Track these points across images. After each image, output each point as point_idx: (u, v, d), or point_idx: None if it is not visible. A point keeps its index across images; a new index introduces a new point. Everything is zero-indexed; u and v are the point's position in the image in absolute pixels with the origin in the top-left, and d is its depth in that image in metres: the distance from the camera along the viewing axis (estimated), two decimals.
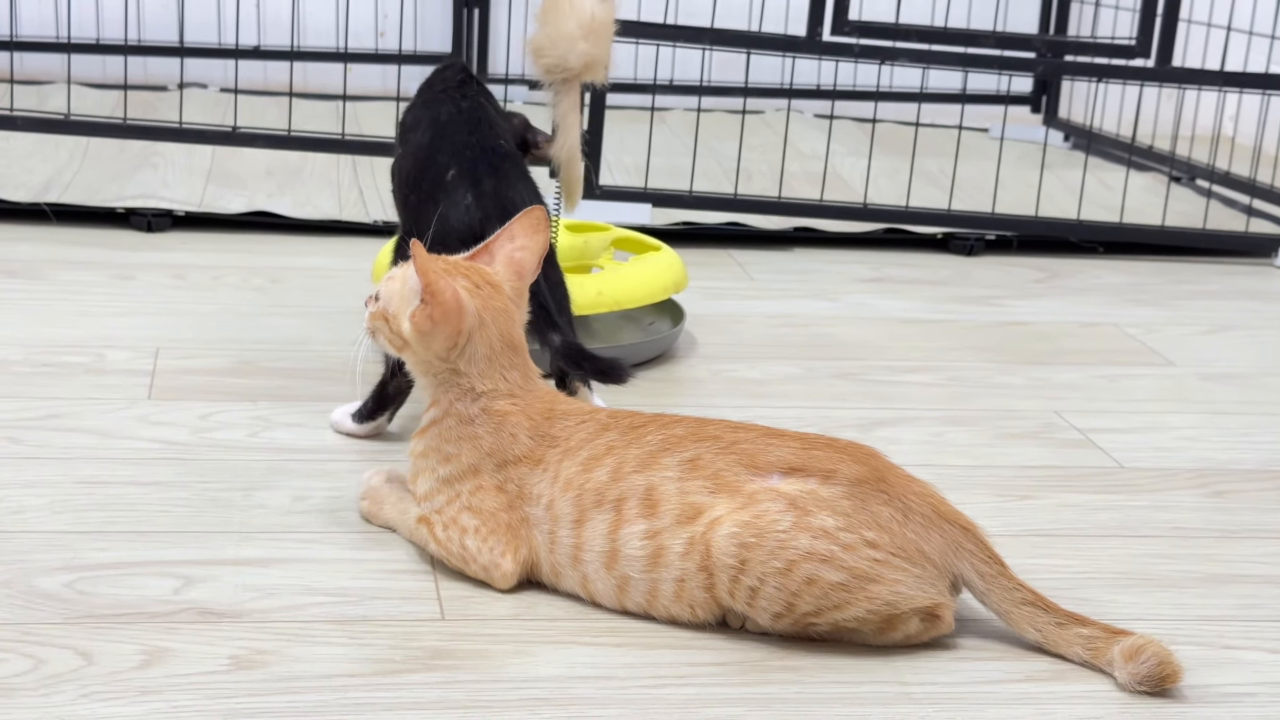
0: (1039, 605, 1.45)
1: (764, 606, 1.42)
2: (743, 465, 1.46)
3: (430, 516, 1.56)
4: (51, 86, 3.53)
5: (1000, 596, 1.45)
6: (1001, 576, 1.45)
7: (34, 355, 2.09)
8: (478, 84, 1.97)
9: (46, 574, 1.50)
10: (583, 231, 2.38)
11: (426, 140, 1.88)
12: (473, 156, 1.84)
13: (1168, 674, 1.39)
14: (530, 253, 1.59)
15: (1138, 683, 1.39)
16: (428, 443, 1.57)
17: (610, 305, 2.15)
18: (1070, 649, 1.44)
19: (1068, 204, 3.10)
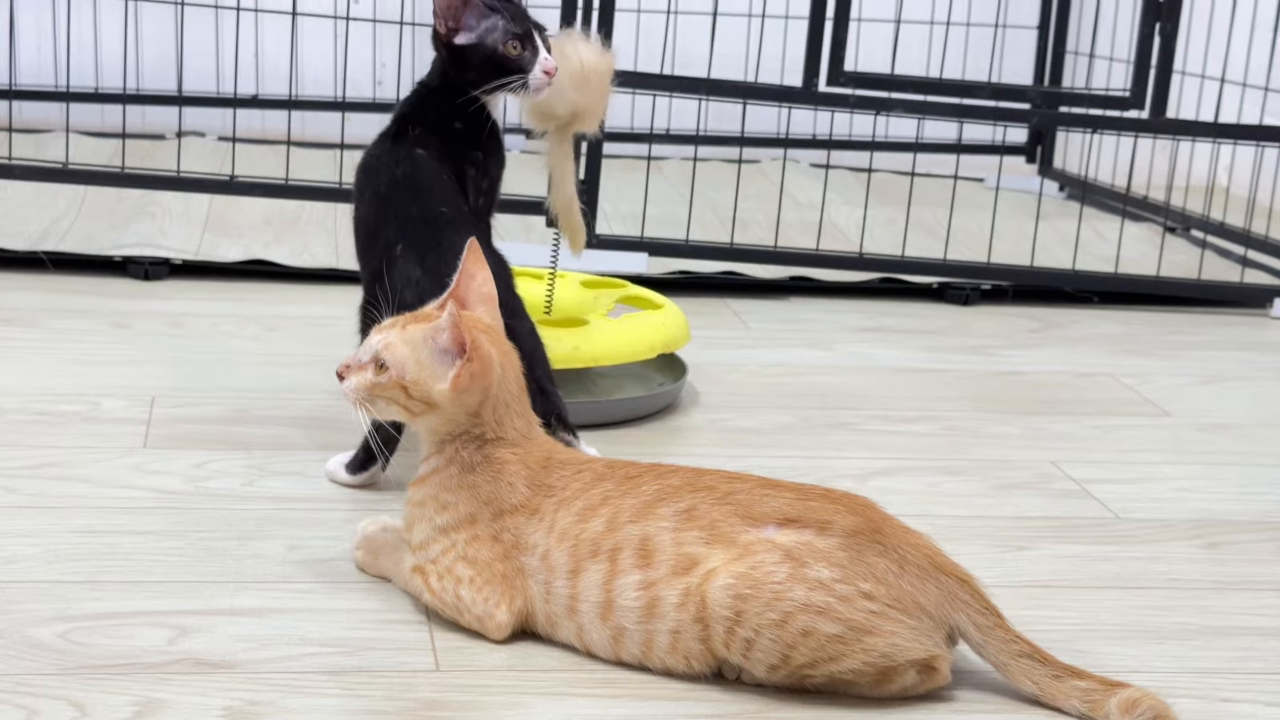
0: (1036, 657, 1.44)
1: (760, 658, 1.41)
2: (738, 516, 1.45)
3: (425, 566, 1.55)
4: (50, 135, 3.54)
5: (997, 648, 1.45)
6: (998, 628, 1.45)
7: (29, 404, 2.09)
8: (415, 129, 1.94)
9: (40, 624, 1.49)
10: (595, 287, 2.38)
11: (372, 214, 1.90)
12: (415, 230, 1.84)
13: None
14: (491, 283, 1.60)
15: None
16: (426, 491, 1.56)
17: (586, 361, 2.13)
18: (1067, 702, 1.43)
19: (1063, 254, 3.11)
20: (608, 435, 2.09)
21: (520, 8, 1.95)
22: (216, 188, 2.87)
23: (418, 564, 1.56)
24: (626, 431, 2.13)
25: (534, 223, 3.03)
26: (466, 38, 1.91)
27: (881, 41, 3.31)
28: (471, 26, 1.91)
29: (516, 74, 1.90)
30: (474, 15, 1.91)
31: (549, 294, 2.25)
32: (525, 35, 1.91)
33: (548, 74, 1.91)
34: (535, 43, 1.91)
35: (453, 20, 1.91)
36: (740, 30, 3.47)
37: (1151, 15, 3.07)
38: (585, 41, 2.01)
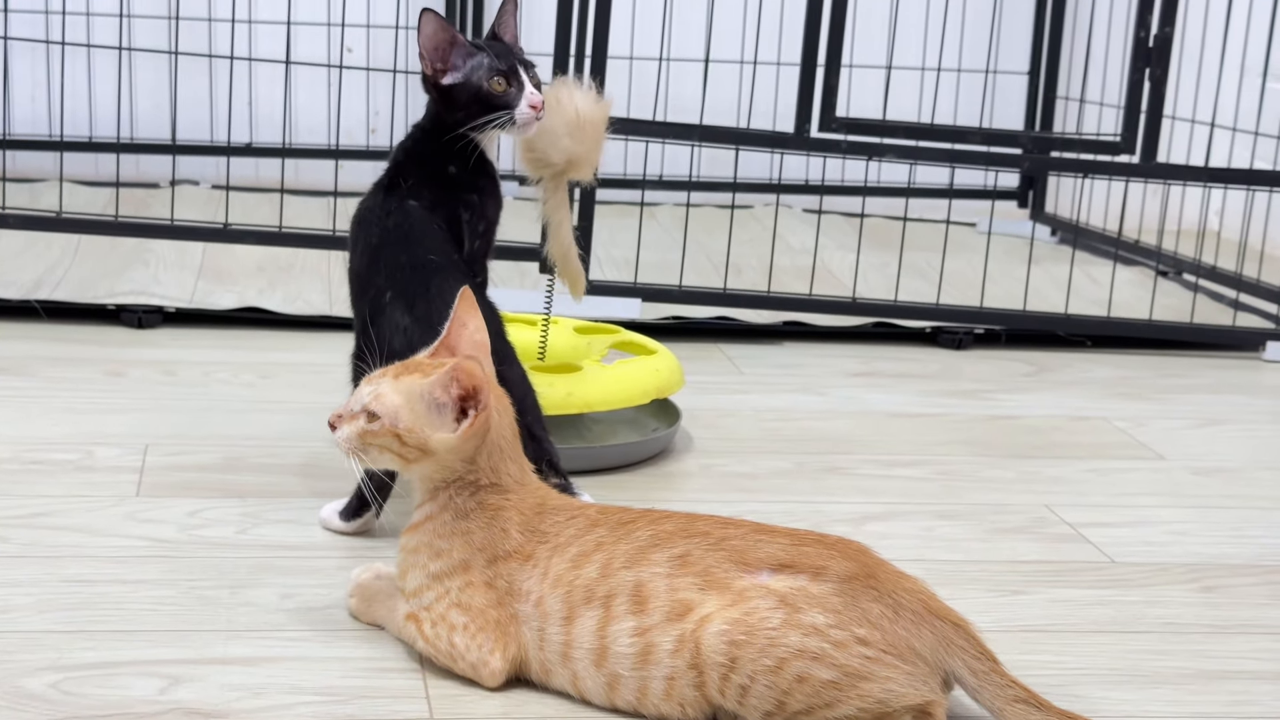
0: (1032, 703, 1.43)
1: (755, 705, 1.41)
2: (732, 562, 1.45)
3: (419, 614, 1.55)
4: (44, 184, 3.55)
5: (992, 694, 1.44)
6: (994, 673, 1.44)
7: (22, 453, 2.09)
8: (408, 180, 1.94)
9: (32, 674, 1.48)
10: (588, 333, 2.38)
11: (363, 265, 1.90)
12: (404, 278, 1.84)
13: None
14: (483, 331, 1.60)
15: None
16: (420, 539, 1.56)
17: (580, 407, 2.13)
18: None
19: (1055, 298, 3.12)
20: (602, 481, 2.09)
21: (506, 45, 1.97)
22: (210, 236, 2.87)
23: (411, 611, 1.56)
24: (620, 477, 2.13)
25: (528, 269, 3.04)
26: (453, 77, 1.92)
27: (873, 87, 3.33)
28: (458, 66, 1.92)
29: (503, 110, 1.91)
30: (460, 55, 1.93)
31: (543, 340, 2.25)
32: (510, 71, 1.92)
33: (534, 108, 1.92)
34: (521, 78, 1.92)
35: (440, 61, 1.92)
36: (732, 77, 3.48)
37: (1141, 60, 3.08)
38: (580, 89, 2.01)
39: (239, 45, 3.56)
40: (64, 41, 2.97)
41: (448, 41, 1.92)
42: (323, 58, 3.60)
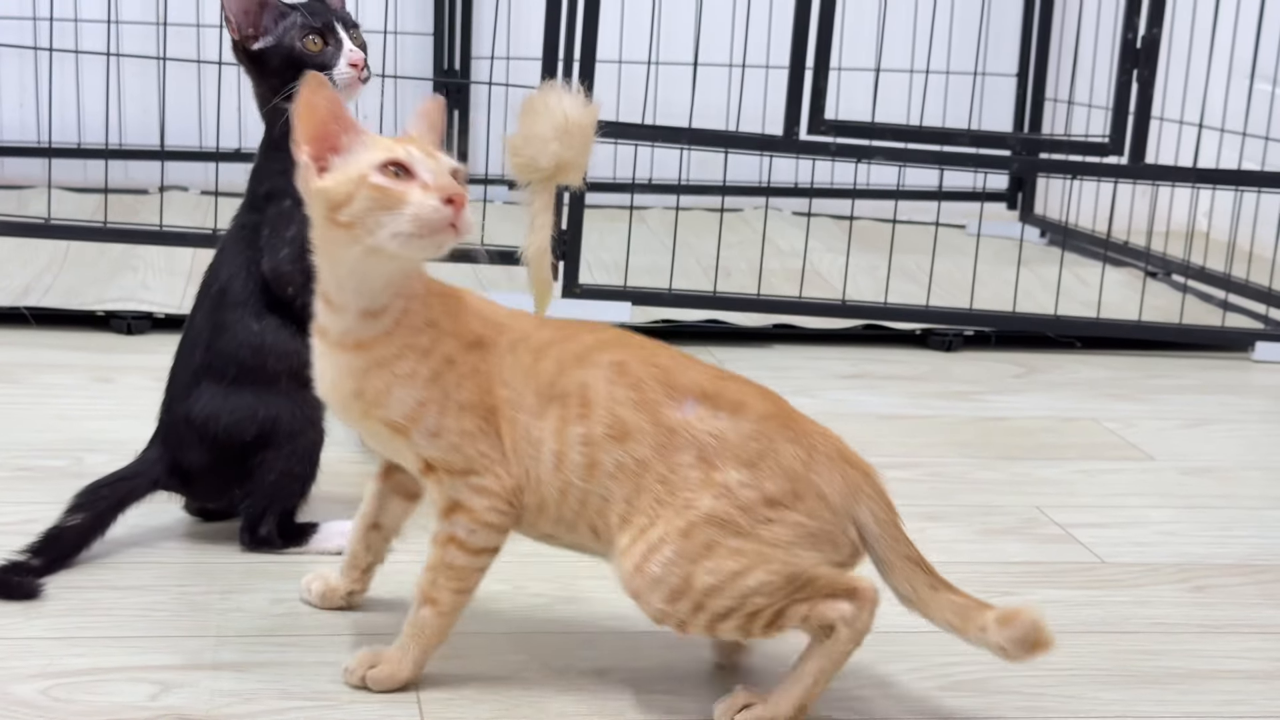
0: (919, 565, 1.47)
1: (664, 566, 1.41)
2: (660, 383, 1.47)
3: (432, 456, 1.47)
4: (32, 191, 3.54)
5: (888, 546, 1.47)
6: (893, 526, 1.48)
7: (12, 459, 2.08)
8: (253, 201, 1.87)
9: (22, 680, 1.48)
10: None
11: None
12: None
13: (1039, 639, 1.42)
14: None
15: (1012, 646, 1.42)
16: (390, 349, 1.46)
17: None
18: (940, 614, 1.46)
19: (1045, 299, 3.12)
20: None
21: (323, 3, 1.88)
22: (199, 242, 2.87)
23: (426, 457, 1.47)
24: None
25: (516, 273, 3.04)
26: (264, 41, 1.83)
27: (862, 90, 3.33)
28: (270, 29, 1.83)
29: (319, 71, 1.78)
30: (271, 17, 1.83)
31: None
32: (326, 28, 1.83)
33: (354, 66, 1.83)
34: (339, 36, 1.84)
35: (250, 26, 1.82)
36: (721, 80, 3.48)
37: (1129, 62, 3.09)
38: (568, 93, 2.01)
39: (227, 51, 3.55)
40: (52, 48, 2.96)
41: (257, 4, 1.82)
42: None
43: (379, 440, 1.52)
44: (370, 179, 1.39)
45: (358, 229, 1.40)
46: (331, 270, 1.46)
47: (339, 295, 1.46)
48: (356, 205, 1.39)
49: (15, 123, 3.74)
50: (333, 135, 1.43)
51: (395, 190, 1.39)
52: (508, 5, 3.66)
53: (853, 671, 1.60)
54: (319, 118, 1.42)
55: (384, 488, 1.64)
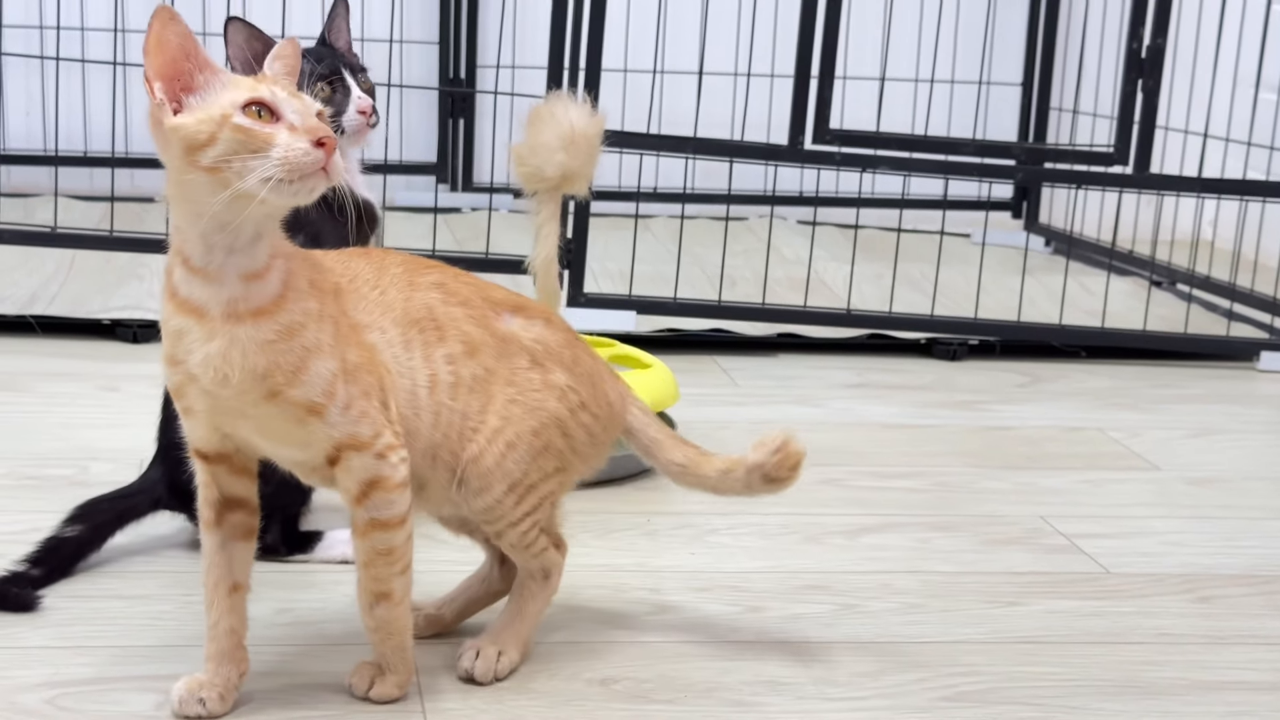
0: (685, 440, 1.62)
1: (509, 469, 1.49)
2: (481, 298, 1.52)
3: (348, 434, 1.38)
4: (38, 199, 3.55)
5: (656, 428, 1.61)
6: (652, 414, 1.63)
7: (18, 468, 2.09)
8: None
9: (29, 690, 1.48)
10: None
11: None
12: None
13: (791, 450, 1.59)
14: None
15: (766, 456, 1.57)
16: (296, 311, 1.35)
17: None
18: (711, 468, 1.60)
19: (1050, 309, 3.12)
20: (597, 493, 2.09)
21: (332, 49, 1.86)
22: None
23: (339, 438, 1.38)
24: (615, 490, 2.13)
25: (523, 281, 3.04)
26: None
27: (867, 99, 3.33)
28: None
29: (330, 119, 1.77)
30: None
31: None
32: (333, 75, 1.81)
33: (363, 114, 1.81)
34: (347, 83, 1.82)
35: (253, 72, 1.80)
36: (726, 89, 3.49)
37: (1134, 72, 3.09)
38: (574, 103, 2.01)
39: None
40: (58, 57, 2.97)
41: (262, 51, 1.75)
42: None
43: (269, 433, 1.38)
44: (234, 119, 1.28)
45: (224, 172, 1.28)
46: (194, 225, 1.32)
47: (210, 259, 1.32)
48: (219, 147, 1.28)
49: (21, 131, 3.75)
50: (186, 73, 1.31)
51: (262, 132, 1.29)
52: (513, 14, 3.67)
53: (857, 680, 1.60)
54: (170, 53, 1.31)
55: (222, 536, 1.46)
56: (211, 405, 1.36)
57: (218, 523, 1.45)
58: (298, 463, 1.44)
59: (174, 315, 1.35)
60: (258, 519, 1.48)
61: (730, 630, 1.71)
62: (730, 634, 1.70)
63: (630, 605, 1.76)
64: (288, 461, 1.44)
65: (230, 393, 1.34)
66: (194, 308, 1.34)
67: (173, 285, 1.35)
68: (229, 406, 1.36)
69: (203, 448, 1.42)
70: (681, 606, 1.76)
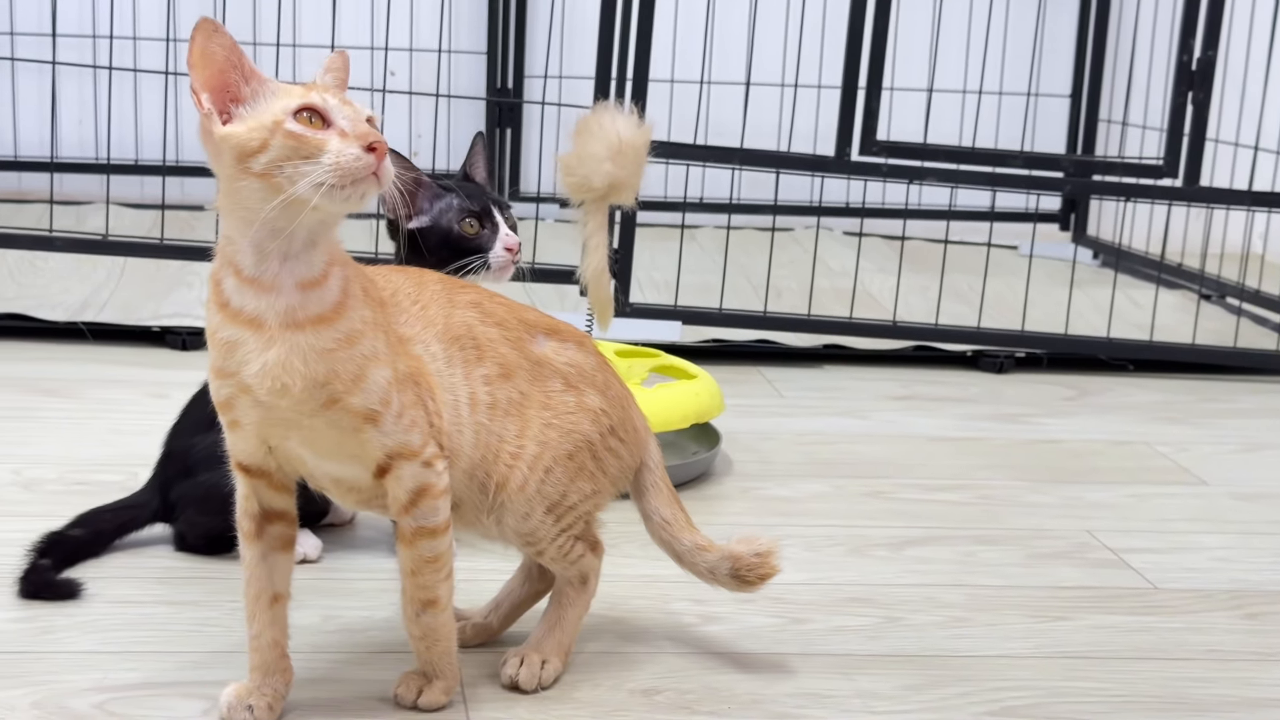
0: (679, 502, 1.62)
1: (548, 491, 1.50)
2: (517, 320, 1.53)
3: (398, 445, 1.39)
4: (90, 207, 3.58)
5: (659, 477, 1.62)
6: (663, 465, 1.63)
7: (68, 474, 2.11)
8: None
9: (77, 695, 1.50)
10: (629, 357, 2.39)
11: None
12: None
13: (767, 560, 1.58)
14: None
15: (746, 550, 1.58)
16: (354, 319, 1.35)
17: None
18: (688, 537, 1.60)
19: (1097, 322, 3.11)
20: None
21: (478, 185, 1.91)
22: None
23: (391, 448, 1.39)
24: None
25: (567, 291, 3.05)
26: (421, 221, 1.84)
27: (914, 110, 3.33)
28: (425, 209, 1.84)
29: (475, 254, 1.84)
30: (428, 198, 1.85)
31: None
32: (483, 212, 1.86)
33: (509, 250, 1.85)
34: (495, 219, 1.86)
35: (405, 205, 1.82)
36: (773, 100, 3.49)
37: (1184, 84, 3.08)
38: (621, 114, 2.02)
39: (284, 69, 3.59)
40: (111, 66, 2.99)
41: (413, 183, 1.83)
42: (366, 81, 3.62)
43: (319, 445, 1.38)
44: (286, 125, 1.29)
45: (276, 179, 1.29)
46: (245, 233, 1.32)
47: (263, 268, 1.32)
48: (271, 154, 1.29)
49: (74, 139, 3.79)
50: (233, 83, 1.32)
51: (314, 138, 1.29)
52: (561, 24, 3.68)
53: (901, 694, 1.59)
54: (216, 65, 1.31)
55: (263, 548, 1.45)
56: (263, 417, 1.36)
57: (258, 535, 1.45)
58: (339, 478, 1.43)
59: (225, 326, 1.34)
60: (296, 529, 1.48)
61: (774, 642, 1.71)
62: (774, 646, 1.70)
63: (673, 616, 1.76)
64: (328, 478, 1.44)
65: (289, 403, 1.34)
66: (248, 318, 1.33)
67: (223, 296, 1.34)
68: (282, 418, 1.35)
69: (246, 461, 1.42)
70: (725, 618, 1.75)
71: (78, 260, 3.11)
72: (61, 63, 3.06)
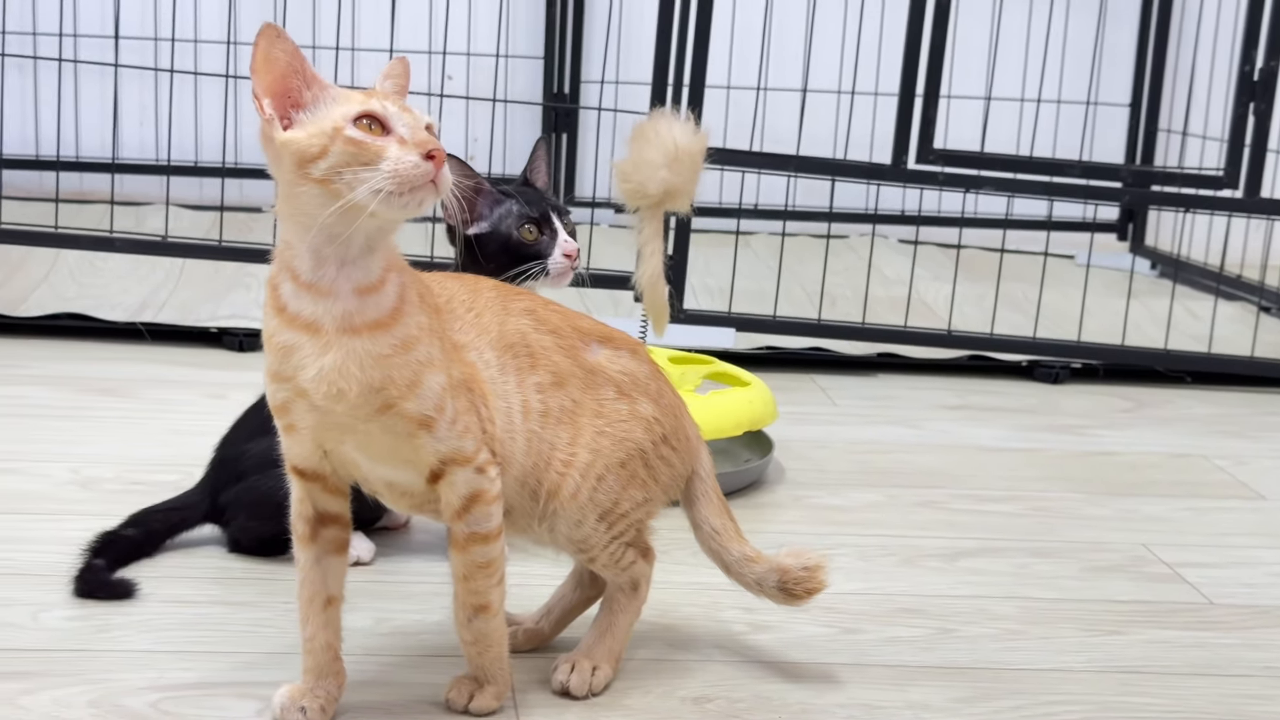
0: (729, 511, 1.62)
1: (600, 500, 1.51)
2: (571, 328, 1.53)
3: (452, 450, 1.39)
4: (149, 208, 3.61)
5: (710, 486, 1.61)
6: (714, 474, 1.63)
7: (125, 473, 2.13)
8: None
9: (133, 693, 1.51)
10: (683, 363, 2.39)
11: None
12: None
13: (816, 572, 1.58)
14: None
15: (794, 561, 1.58)
16: (411, 325, 1.36)
17: None
18: (737, 547, 1.60)
19: (1155, 333, 3.08)
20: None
21: (538, 191, 1.92)
22: None
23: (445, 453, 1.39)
24: None
25: (622, 297, 3.05)
26: (480, 227, 1.86)
27: (971, 119, 3.31)
28: (485, 215, 1.86)
29: (534, 260, 1.85)
30: (487, 204, 1.86)
31: None
32: (542, 218, 1.87)
33: (568, 257, 1.86)
34: (554, 225, 1.87)
35: (465, 211, 1.84)
36: (830, 106, 3.48)
37: (1246, 94, 3.05)
38: (678, 121, 2.02)
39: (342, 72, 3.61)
40: (172, 69, 3.02)
41: (473, 189, 1.84)
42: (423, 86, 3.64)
43: (373, 450, 1.39)
44: (345, 132, 1.30)
45: (335, 184, 1.30)
46: (303, 238, 1.33)
47: (321, 273, 1.33)
48: (330, 160, 1.30)
49: (135, 141, 3.82)
50: (294, 89, 1.33)
51: (373, 145, 1.30)
52: (618, 30, 3.69)
53: (953, 706, 1.59)
54: (278, 70, 1.32)
55: (317, 551, 1.46)
56: (319, 421, 1.37)
57: (312, 538, 1.45)
58: (393, 483, 1.44)
59: (282, 330, 1.35)
60: (350, 533, 1.49)
61: (826, 652, 1.70)
62: (825, 655, 1.69)
63: (724, 624, 1.76)
64: (381, 482, 1.44)
65: (344, 407, 1.34)
66: (305, 323, 1.34)
67: (280, 301, 1.35)
68: (338, 422, 1.36)
69: (301, 465, 1.43)
70: (776, 626, 1.75)
71: (137, 261, 3.13)
72: (124, 65, 3.09)
